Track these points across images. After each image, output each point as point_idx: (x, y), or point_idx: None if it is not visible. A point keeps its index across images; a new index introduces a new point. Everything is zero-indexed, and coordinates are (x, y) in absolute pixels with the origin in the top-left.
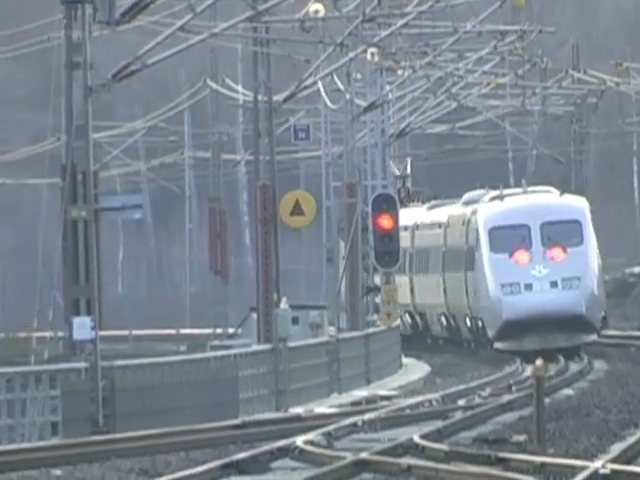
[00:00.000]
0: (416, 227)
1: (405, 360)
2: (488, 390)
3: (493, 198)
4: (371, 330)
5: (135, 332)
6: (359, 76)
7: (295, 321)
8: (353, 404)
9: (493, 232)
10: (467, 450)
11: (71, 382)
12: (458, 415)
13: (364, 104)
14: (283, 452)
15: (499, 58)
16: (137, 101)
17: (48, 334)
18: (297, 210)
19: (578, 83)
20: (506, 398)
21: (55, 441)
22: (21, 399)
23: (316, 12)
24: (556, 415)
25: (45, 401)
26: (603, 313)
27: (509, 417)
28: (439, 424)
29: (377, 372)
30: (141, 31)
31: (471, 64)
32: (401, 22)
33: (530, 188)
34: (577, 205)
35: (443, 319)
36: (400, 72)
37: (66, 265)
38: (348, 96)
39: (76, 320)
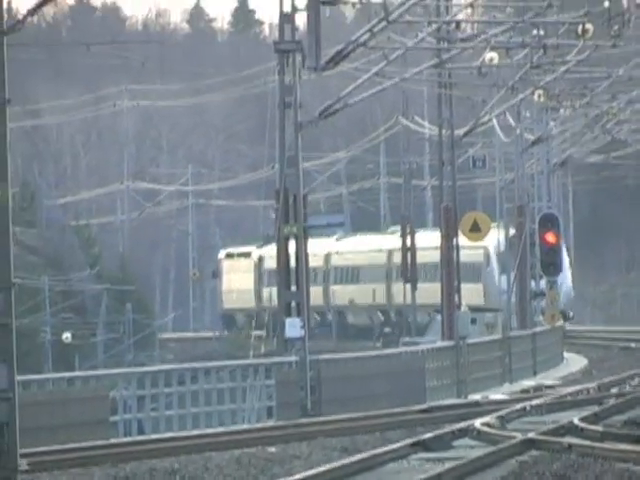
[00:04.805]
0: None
1: (566, 355)
2: (637, 380)
3: None
4: (538, 329)
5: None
6: (527, 114)
7: (473, 321)
8: (522, 392)
9: None
10: (619, 431)
11: (284, 373)
12: (611, 401)
13: (532, 138)
14: (463, 432)
15: None
16: (340, 135)
17: (264, 333)
18: (475, 227)
19: None
20: None
21: (270, 423)
22: (242, 387)
23: (491, 60)
24: None
25: (262, 389)
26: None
27: None
28: (595, 409)
29: (543, 365)
30: (343, 76)
31: (623, 103)
32: (563, 68)
33: None
34: None
35: None
36: (562, 110)
37: (280, 274)
38: (518, 131)
39: (288, 320)
